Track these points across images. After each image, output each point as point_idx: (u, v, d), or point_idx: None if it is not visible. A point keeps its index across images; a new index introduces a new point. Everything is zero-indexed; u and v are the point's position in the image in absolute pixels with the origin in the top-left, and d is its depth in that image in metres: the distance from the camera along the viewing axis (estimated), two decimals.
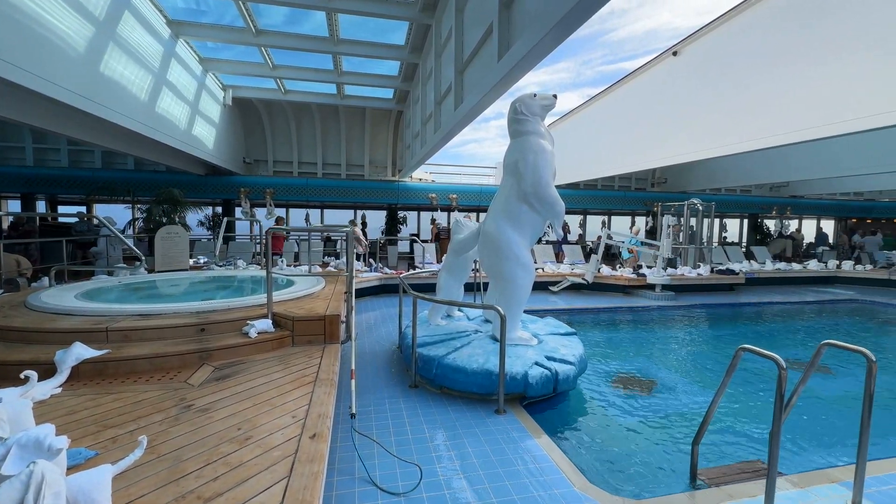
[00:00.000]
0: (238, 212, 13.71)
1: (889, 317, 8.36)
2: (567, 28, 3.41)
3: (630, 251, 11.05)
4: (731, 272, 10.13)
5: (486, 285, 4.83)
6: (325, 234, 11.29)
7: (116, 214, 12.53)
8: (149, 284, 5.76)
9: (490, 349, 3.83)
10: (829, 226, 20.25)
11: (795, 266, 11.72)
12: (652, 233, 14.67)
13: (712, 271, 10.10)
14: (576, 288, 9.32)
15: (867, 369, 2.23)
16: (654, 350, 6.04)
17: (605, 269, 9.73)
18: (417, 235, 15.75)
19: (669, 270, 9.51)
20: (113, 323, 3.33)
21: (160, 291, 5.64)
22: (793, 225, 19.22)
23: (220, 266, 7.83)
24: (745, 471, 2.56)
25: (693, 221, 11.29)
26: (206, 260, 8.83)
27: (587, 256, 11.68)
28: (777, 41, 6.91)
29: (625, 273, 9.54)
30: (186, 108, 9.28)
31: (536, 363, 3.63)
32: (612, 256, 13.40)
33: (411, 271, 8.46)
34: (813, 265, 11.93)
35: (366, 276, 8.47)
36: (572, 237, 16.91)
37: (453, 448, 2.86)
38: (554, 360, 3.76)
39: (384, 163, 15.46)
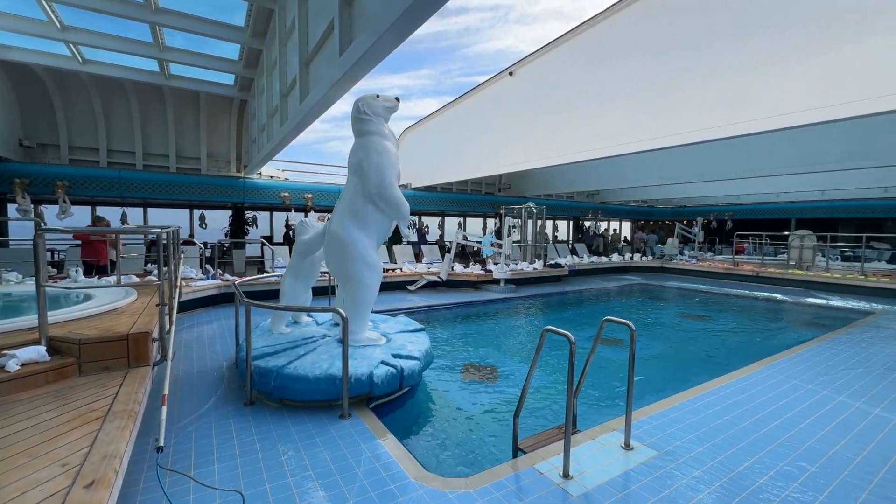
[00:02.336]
0: (14, 210, 10.52)
1: (662, 294, 10.95)
2: (405, 28, 3.51)
3: (493, 246, 12.09)
4: (559, 266, 11.93)
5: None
6: (147, 237, 9.46)
7: None
8: None
9: (336, 353, 3.71)
10: (625, 227, 25.56)
11: (604, 259, 14.45)
12: (498, 233, 16.34)
13: (545, 265, 11.72)
14: (433, 286, 9.76)
15: (630, 338, 2.84)
16: (498, 339, 6.71)
17: (458, 267, 10.43)
18: (270, 238, 14.46)
19: (511, 266, 10.69)
20: None
21: None
22: (602, 226, 23.66)
23: None
24: (554, 435, 3.01)
25: (530, 223, 12.94)
26: None
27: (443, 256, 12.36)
28: (584, 75, 8.38)
29: (475, 270, 10.38)
30: None
31: (383, 362, 3.66)
32: (465, 255, 14.45)
33: (247, 278, 7.69)
34: (615, 258, 14.86)
35: (200, 284, 7.38)
36: (431, 238, 17.71)
37: (289, 463, 2.67)
38: (400, 357, 3.85)
39: (227, 157, 13.73)
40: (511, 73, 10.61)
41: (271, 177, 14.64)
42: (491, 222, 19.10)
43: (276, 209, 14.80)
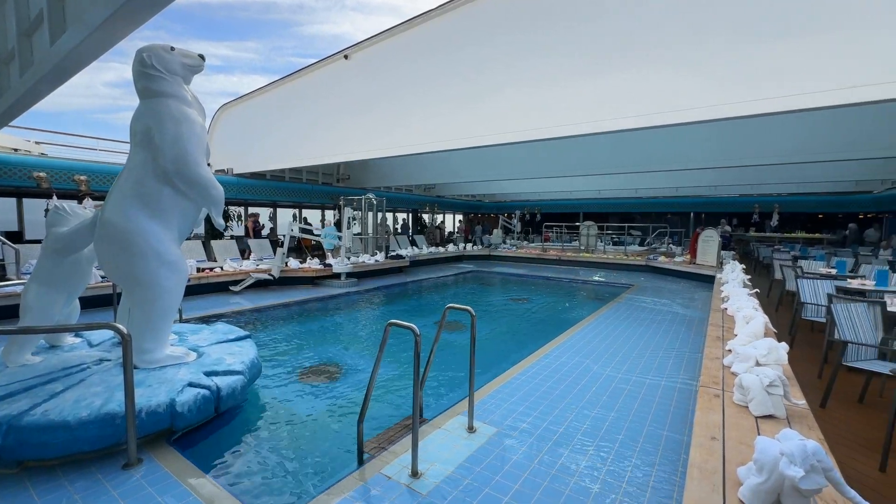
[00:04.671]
0: None
1: (490, 279, 12.19)
2: None
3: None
4: (400, 257, 12.07)
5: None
6: None
7: None
8: None
9: (117, 383, 2.79)
10: (458, 218, 27.81)
11: (441, 249, 15.30)
12: (338, 225, 15.62)
13: (387, 257, 11.69)
14: (263, 284, 8.64)
15: (471, 323, 2.89)
16: (342, 335, 6.29)
17: (294, 263, 9.50)
18: (19, 234, 10.63)
19: (352, 259, 10.28)
20: None
21: None
22: (439, 218, 25.16)
23: None
24: (401, 430, 2.88)
25: (370, 214, 12.71)
26: None
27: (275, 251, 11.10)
28: (417, 68, 8.51)
29: (312, 265, 9.62)
30: None
31: (191, 384, 2.92)
32: (299, 249, 13.35)
33: None
34: (451, 248, 15.90)
35: None
36: (264, 231, 15.78)
37: None
38: (216, 373, 3.15)
39: None
40: (346, 57, 10.10)
41: (15, 150, 10.69)
42: (330, 214, 18.15)
43: (27, 194, 10.88)
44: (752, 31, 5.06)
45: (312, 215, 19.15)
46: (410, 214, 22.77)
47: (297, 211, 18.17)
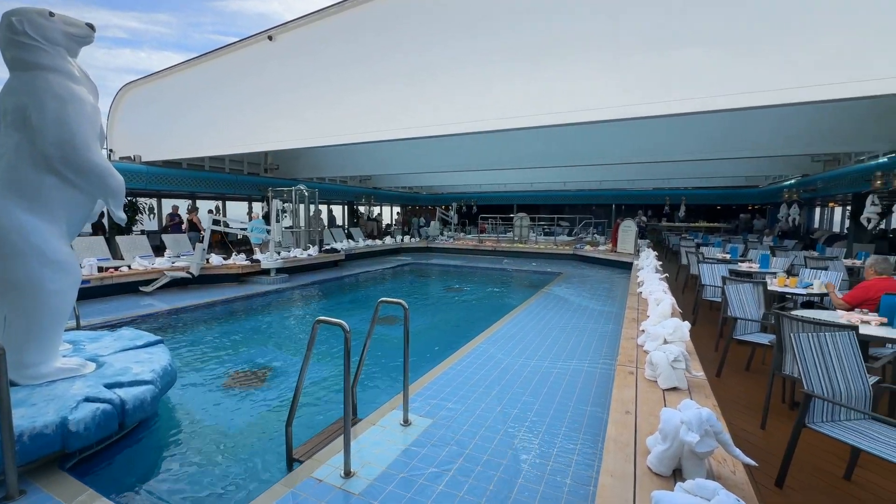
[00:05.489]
0: None
1: (427, 271, 12.23)
2: None
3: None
4: (335, 251, 11.67)
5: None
6: None
7: None
8: None
9: None
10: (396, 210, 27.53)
11: (378, 242, 15.06)
12: (267, 218, 14.71)
13: (321, 251, 11.25)
14: (181, 284, 7.90)
15: (404, 316, 2.87)
16: (271, 335, 5.95)
17: (216, 259, 8.80)
18: None
19: (283, 254, 9.76)
20: None
21: None
22: (376, 210, 24.71)
23: None
24: (334, 431, 2.79)
25: (302, 207, 12.13)
26: None
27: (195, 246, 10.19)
28: (347, 54, 8.20)
29: (237, 261, 8.98)
30: None
31: (88, 398, 2.59)
32: (224, 245, 12.41)
33: None
34: (389, 241, 15.71)
35: None
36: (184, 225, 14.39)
37: None
38: (121, 385, 2.82)
39: None
40: (271, 38, 9.44)
41: None
42: (258, 206, 17.02)
43: None
44: (661, 40, 5.51)
45: (238, 208, 17.91)
46: (346, 206, 22.10)
47: (219, 203, 16.86)
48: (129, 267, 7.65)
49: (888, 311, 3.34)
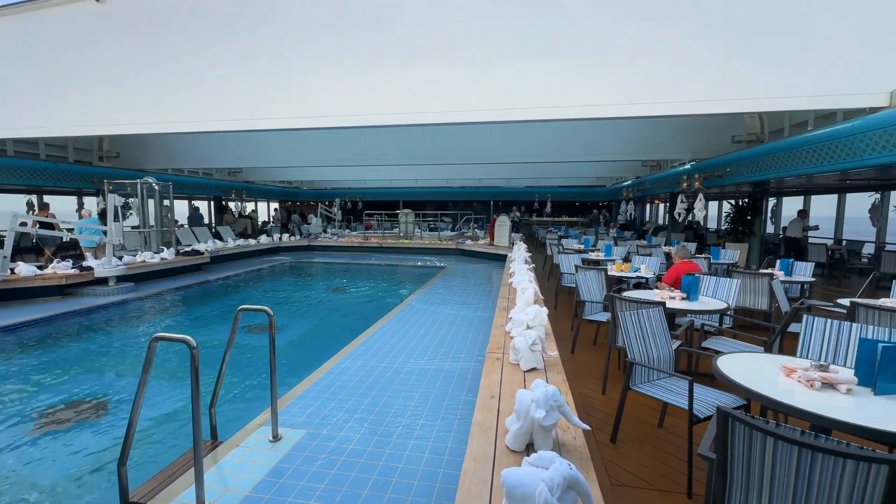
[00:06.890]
0: None
1: (309, 270, 11.59)
2: None
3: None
4: (198, 252, 10.29)
5: None
6: None
7: None
8: None
9: None
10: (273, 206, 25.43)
11: (252, 241, 13.73)
12: (103, 216, 12.23)
13: (178, 254, 9.80)
14: None
15: (269, 323, 2.66)
16: (108, 359, 4.97)
17: (26, 268, 7.01)
18: None
19: (126, 259, 8.25)
20: None
21: None
22: (249, 206, 22.46)
23: None
24: (182, 464, 2.45)
25: (152, 203, 10.39)
26: None
27: None
28: (200, 24, 7.23)
29: (60, 269, 7.29)
30: None
31: None
32: (38, 251, 10.00)
33: None
34: (265, 239, 14.43)
35: None
36: None
37: None
38: None
39: None
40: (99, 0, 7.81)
41: None
42: (92, 202, 14.05)
43: None
44: (525, 50, 6.06)
45: (65, 203, 14.65)
46: (213, 202, 19.62)
47: (32, 197, 13.54)
48: None
49: (686, 287, 4.21)
